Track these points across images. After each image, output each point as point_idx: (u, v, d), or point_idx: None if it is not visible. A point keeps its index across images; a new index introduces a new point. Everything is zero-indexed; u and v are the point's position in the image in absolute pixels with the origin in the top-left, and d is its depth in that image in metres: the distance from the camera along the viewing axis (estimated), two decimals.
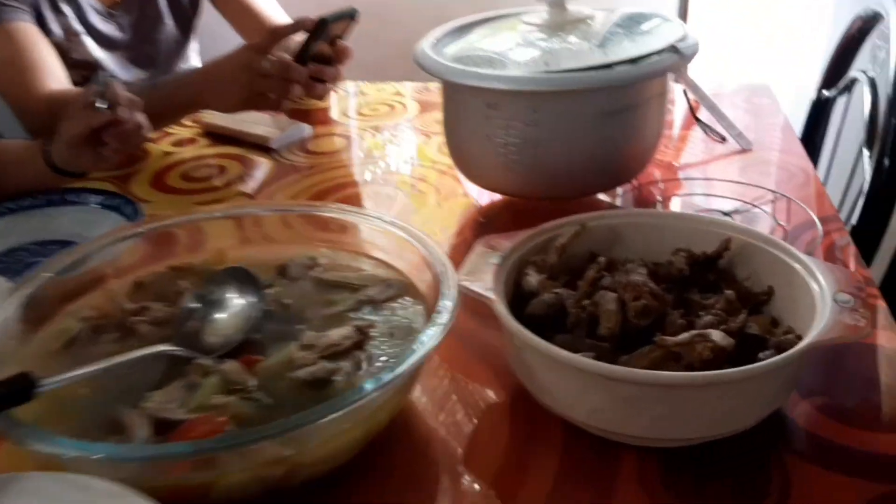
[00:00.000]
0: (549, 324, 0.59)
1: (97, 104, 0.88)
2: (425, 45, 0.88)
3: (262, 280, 0.64)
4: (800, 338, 0.55)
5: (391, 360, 0.57)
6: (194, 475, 0.47)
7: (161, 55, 1.42)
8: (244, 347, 0.59)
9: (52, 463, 0.46)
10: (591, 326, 0.59)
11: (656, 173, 0.98)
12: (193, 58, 1.51)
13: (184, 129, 1.19)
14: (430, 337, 0.53)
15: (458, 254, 0.65)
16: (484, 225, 0.88)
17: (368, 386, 0.49)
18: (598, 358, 0.55)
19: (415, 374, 0.54)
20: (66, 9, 1.28)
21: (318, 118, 1.22)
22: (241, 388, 0.54)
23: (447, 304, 0.56)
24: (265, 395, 0.54)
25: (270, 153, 1.10)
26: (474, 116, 0.83)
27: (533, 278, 0.63)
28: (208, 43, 1.53)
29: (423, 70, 0.86)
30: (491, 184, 0.88)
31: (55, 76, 1.21)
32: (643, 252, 0.66)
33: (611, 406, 0.53)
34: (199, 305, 0.62)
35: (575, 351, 0.56)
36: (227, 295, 0.62)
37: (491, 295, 0.58)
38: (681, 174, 0.99)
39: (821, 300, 0.56)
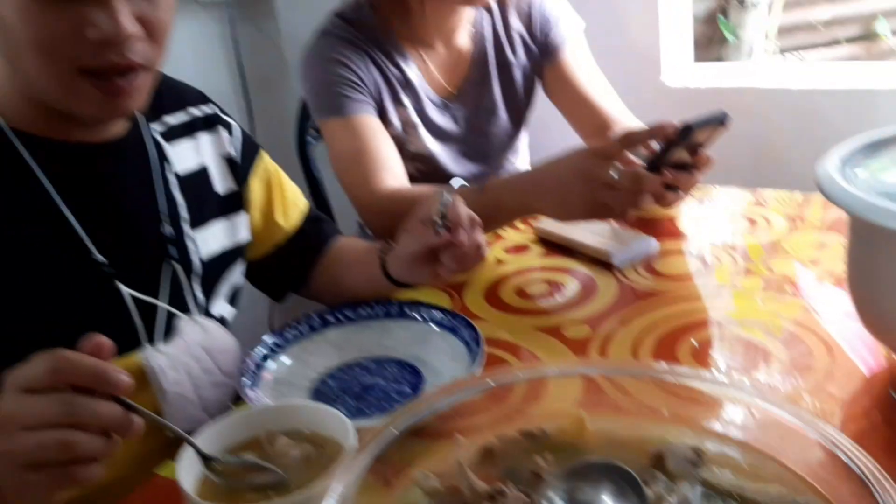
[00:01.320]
0: None
1: (438, 225, 0.82)
2: (830, 167, 0.71)
3: (641, 483, 0.51)
4: None
5: None
6: None
7: (493, 148, 1.39)
8: None
9: None
10: None
11: None
12: (523, 150, 1.47)
13: (516, 234, 1.12)
14: None
15: (867, 445, 0.47)
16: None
17: None
18: None
19: None
20: (407, 101, 1.30)
21: (663, 229, 1.08)
22: None
23: None
24: None
25: (611, 270, 0.98)
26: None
27: None
28: (538, 134, 1.48)
29: (827, 199, 0.69)
30: None
31: (394, 172, 1.22)
32: None
33: None
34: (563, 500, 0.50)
35: None
36: (602, 496, 0.50)
37: None
38: None
39: None
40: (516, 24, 1.34)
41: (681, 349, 0.80)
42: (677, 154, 0.93)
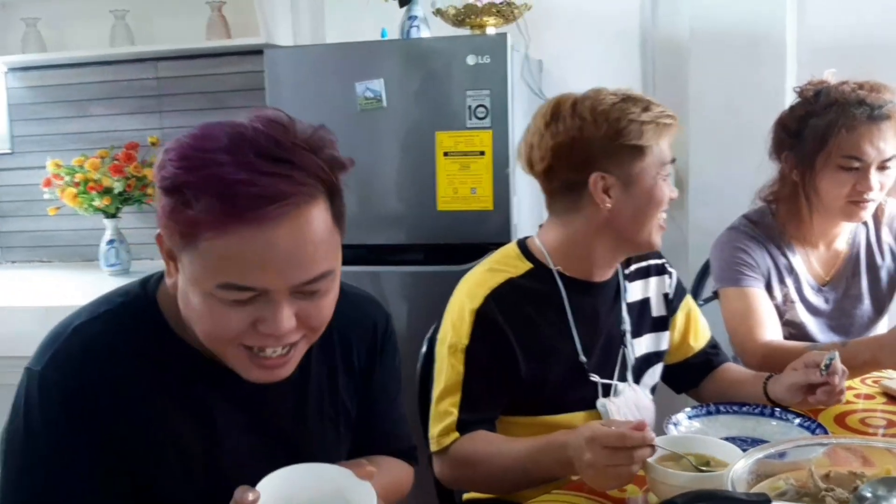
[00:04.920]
0: None
1: (822, 370, 1.28)
2: None
3: None
4: None
5: None
6: None
7: (854, 327, 1.78)
8: None
9: None
10: None
11: None
12: (881, 330, 1.82)
13: (865, 387, 1.51)
14: None
15: None
16: None
17: None
18: None
19: None
20: (789, 282, 1.76)
21: None
22: None
23: None
24: None
25: None
26: None
27: None
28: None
29: None
30: None
31: (772, 330, 1.68)
32: None
33: None
34: (870, 495, 0.93)
35: None
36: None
37: None
38: None
39: None
40: (887, 237, 1.76)
41: None
42: None
